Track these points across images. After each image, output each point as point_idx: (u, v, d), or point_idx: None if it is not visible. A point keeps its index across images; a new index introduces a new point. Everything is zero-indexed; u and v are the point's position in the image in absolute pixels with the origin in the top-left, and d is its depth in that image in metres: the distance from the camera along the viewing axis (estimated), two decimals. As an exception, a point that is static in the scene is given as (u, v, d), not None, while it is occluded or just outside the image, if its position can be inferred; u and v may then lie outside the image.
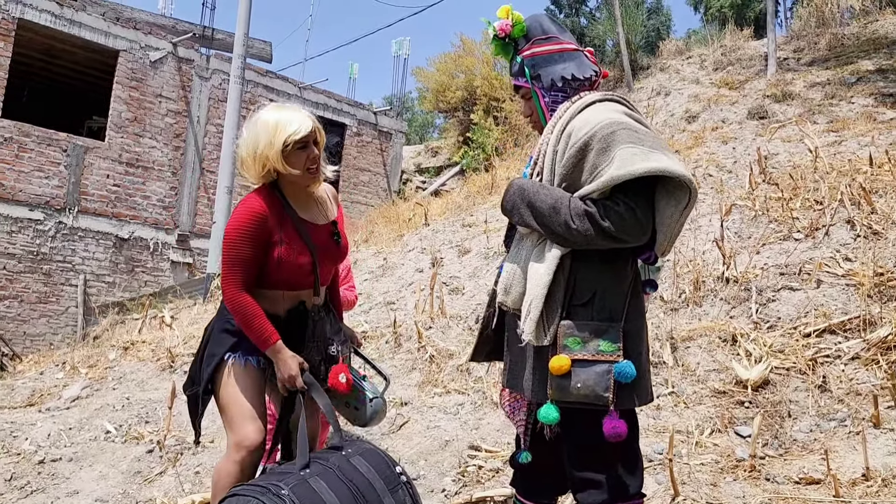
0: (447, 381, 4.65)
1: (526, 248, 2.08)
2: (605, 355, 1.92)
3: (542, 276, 1.96)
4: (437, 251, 7.48)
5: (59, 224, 11.14)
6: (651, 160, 1.86)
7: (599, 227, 1.88)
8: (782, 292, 4.74)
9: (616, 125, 1.94)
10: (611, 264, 2.00)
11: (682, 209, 1.93)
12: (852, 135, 8.04)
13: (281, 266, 2.37)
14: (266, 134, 2.31)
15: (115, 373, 6.05)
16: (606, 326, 1.95)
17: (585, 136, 1.93)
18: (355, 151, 14.91)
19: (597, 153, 1.92)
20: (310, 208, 2.51)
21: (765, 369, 3.83)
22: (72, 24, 11.34)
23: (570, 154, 1.96)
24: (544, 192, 1.99)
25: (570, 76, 2.13)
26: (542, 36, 2.17)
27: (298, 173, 2.36)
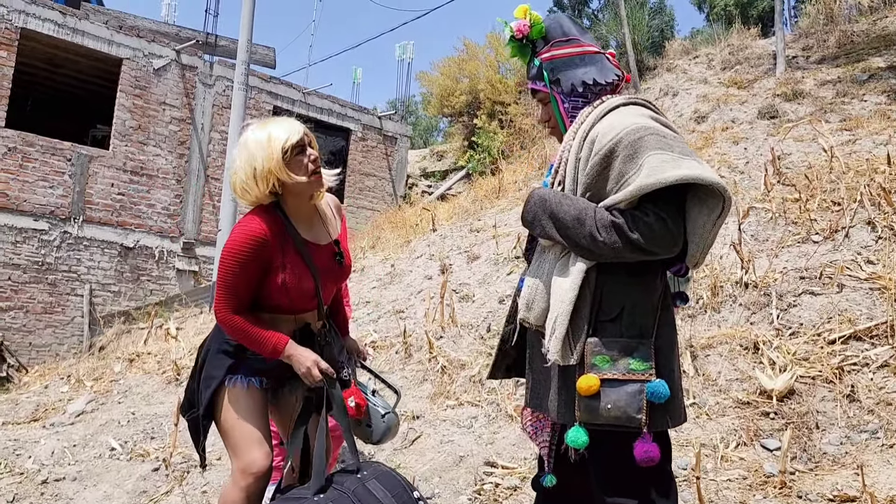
0: (460, 393, 4.53)
1: (548, 261, 1.96)
2: (637, 374, 1.80)
3: (566, 292, 1.84)
4: (446, 257, 7.36)
5: (64, 234, 11.08)
6: (682, 167, 1.74)
7: (627, 238, 1.76)
8: (803, 297, 4.60)
9: (643, 130, 1.82)
10: (639, 277, 1.88)
11: (715, 218, 1.80)
12: (867, 133, 7.89)
13: (285, 291, 2.27)
14: (261, 150, 2.20)
15: (120, 386, 5.94)
16: (636, 343, 1.83)
17: (610, 142, 1.82)
18: (360, 156, 14.82)
19: (623, 160, 1.80)
20: (313, 226, 2.41)
21: (790, 378, 3.69)
22: (75, 33, 11.29)
23: (594, 162, 1.85)
24: (567, 203, 1.87)
25: (591, 81, 2.01)
26: (562, 38, 2.05)
27: (304, 180, 2.25)
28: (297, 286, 2.28)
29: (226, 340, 2.35)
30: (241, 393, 2.31)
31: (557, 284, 1.88)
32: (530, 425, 2.13)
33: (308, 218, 2.39)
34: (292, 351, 2.25)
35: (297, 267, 2.28)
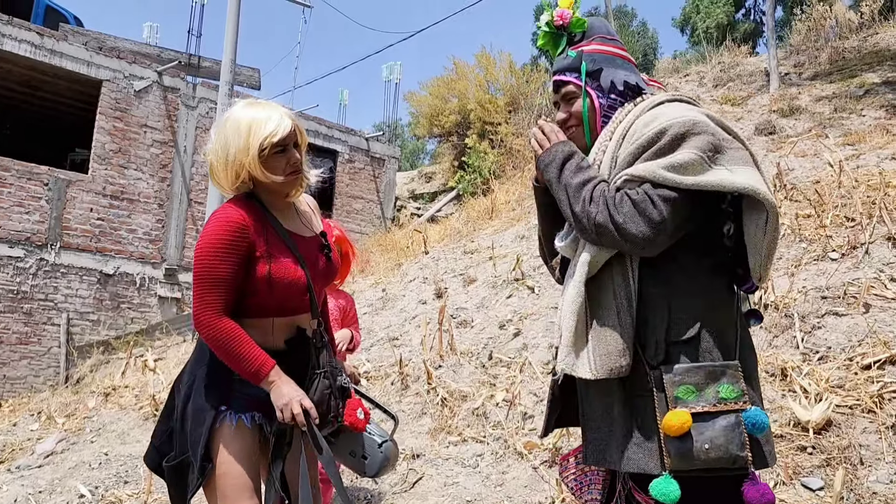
0: (462, 428, 4.17)
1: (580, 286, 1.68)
2: (729, 403, 1.50)
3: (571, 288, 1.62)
4: (441, 281, 7.02)
5: (41, 261, 10.66)
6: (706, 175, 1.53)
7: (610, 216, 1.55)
8: (827, 318, 4.30)
9: (696, 125, 1.58)
10: (712, 289, 1.62)
11: (763, 225, 1.56)
12: (870, 148, 7.68)
13: (273, 286, 1.95)
14: (238, 137, 1.93)
15: (93, 423, 5.53)
16: (723, 367, 1.53)
17: (655, 130, 1.59)
18: (348, 178, 14.51)
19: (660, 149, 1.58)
20: (293, 219, 2.12)
21: (827, 409, 3.37)
22: (53, 55, 10.96)
23: (631, 149, 1.62)
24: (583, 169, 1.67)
25: (633, 82, 1.79)
26: (606, 35, 1.87)
27: (280, 179, 1.98)
28: (285, 278, 1.97)
29: (212, 366, 2.00)
30: (230, 432, 1.96)
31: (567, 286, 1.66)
32: (573, 479, 1.80)
33: (286, 211, 2.12)
34: (276, 378, 1.92)
35: (284, 256, 1.99)
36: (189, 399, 2.02)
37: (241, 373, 1.92)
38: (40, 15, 12.66)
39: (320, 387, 2.00)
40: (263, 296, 1.96)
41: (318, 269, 2.10)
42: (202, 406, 1.97)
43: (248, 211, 1.98)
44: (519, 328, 5.24)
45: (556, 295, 5.57)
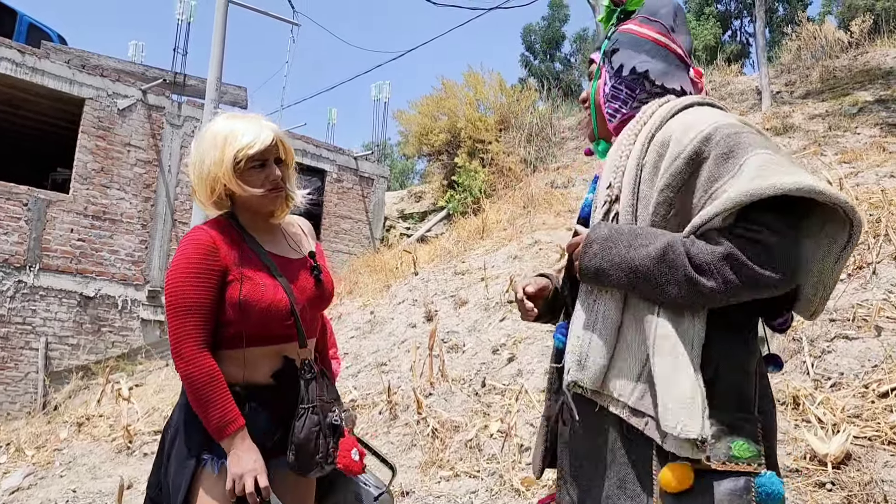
0: (454, 461, 3.92)
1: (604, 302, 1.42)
2: (741, 463, 1.25)
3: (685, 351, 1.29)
4: (430, 303, 6.78)
5: (19, 283, 10.35)
6: (799, 175, 1.22)
7: (748, 274, 1.22)
8: (837, 342, 4.10)
9: (738, 126, 1.32)
10: (736, 327, 1.34)
11: (839, 250, 1.28)
12: (868, 166, 7.56)
13: (247, 310, 1.75)
14: (214, 149, 1.77)
15: (63, 456, 5.23)
16: (740, 419, 1.28)
17: (695, 140, 1.31)
18: (336, 198, 14.29)
19: (716, 161, 1.29)
20: (277, 241, 1.93)
21: (845, 441, 3.15)
22: (34, 73, 10.73)
23: (674, 167, 1.33)
24: (641, 241, 1.33)
25: (643, 70, 1.52)
26: (650, 15, 1.60)
27: (259, 193, 1.81)
28: (260, 302, 1.77)
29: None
30: (214, 480, 1.75)
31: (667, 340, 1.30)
32: None
33: (269, 232, 1.93)
34: (240, 443, 1.71)
35: (261, 277, 1.80)
36: (174, 443, 1.83)
37: (204, 422, 1.71)
38: (23, 33, 12.47)
39: (307, 423, 1.79)
40: (238, 323, 1.77)
41: (307, 293, 1.90)
42: (184, 451, 1.79)
43: (220, 231, 1.82)
44: (513, 353, 5.01)
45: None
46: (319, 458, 1.79)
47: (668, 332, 1.29)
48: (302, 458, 1.78)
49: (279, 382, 1.82)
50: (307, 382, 1.84)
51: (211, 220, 1.89)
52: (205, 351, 1.73)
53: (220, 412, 1.69)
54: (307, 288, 1.90)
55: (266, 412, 1.81)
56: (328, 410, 1.86)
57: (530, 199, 9.97)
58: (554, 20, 30.15)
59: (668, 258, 1.27)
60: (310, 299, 1.90)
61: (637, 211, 1.40)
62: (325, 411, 1.84)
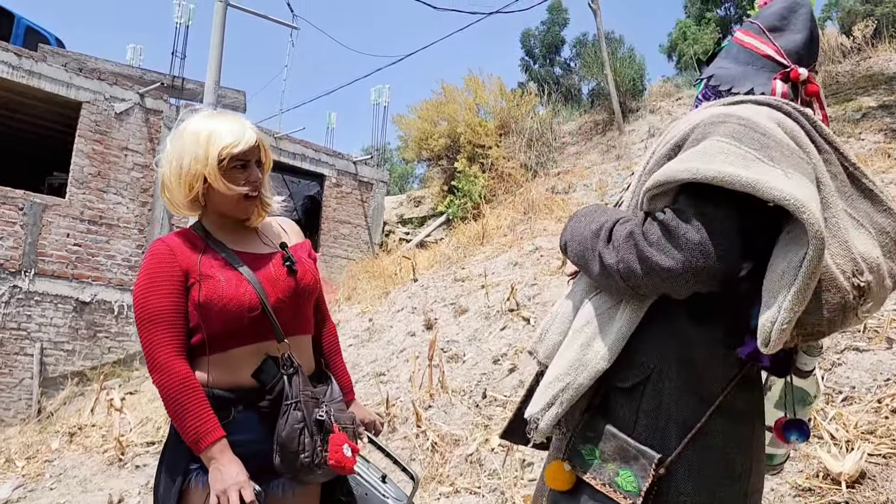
0: (454, 476, 3.81)
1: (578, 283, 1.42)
2: (619, 493, 1.17)
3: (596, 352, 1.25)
4: (430, 310, 6.67)
5: (14, 288, 10.22)
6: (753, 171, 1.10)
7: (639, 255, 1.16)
8: (847, 354, 4.00)
9: (731, 116, 1.21)
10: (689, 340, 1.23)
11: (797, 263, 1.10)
12: (873, 172, 7.46)
13: (209, 309, 1.68)
14: (195, 147, 1.71)
15: (54, 468, 5.11)
16: (642, 451, 1.18)
17: (687, 127, 1.27)
18: (335, 203, 14.18)
19: (689, 143, 1.24)
20: (247, 240, 1.85)
21: (860, 458, 3.04)
22: (31, 76, 10.63)
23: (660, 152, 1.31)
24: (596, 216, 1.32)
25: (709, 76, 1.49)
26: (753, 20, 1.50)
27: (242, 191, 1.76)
28: (220, 299, 1.69)
29: None
30: (201, 493, 1.66)
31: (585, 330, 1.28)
32: None
33: (238, 232, 1.86)
34: (218, 455, 1.61)
35: (222, 273, 1.72)
36: (164, 456, 1.77)
37: (181, 434, 1.63)
38: (20, 36, 12.38)
39: (290, 420, 1.69)
40: (206, 325, 1.70)
41: (280, 285, 1.79)
42: (173, 465, 1.72)
43: (180, 238, 1.78)
44: (514, 363, 4.90)
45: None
46: (305, 457, 1.68)
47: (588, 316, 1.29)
48: (286, 457, 1.68)
49: (262, 382, 1.72)
50: (289, 378, 1.73)
51: (176, 231, 1.83)
52: (177, 358, 1.66)
53: (195, 422, 1.61)
54: (279, 279, 1.80)
55: (255, 415, 1.72)
56: (314, 406, 1.75)
57: (531, 205, 9.86)
58: (553, 24, 30.05)
59: (600, 233, 1.25)
60: (285, 291, 1.80)
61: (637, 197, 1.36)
62: (311, 407, 1.73)
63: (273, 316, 1.74)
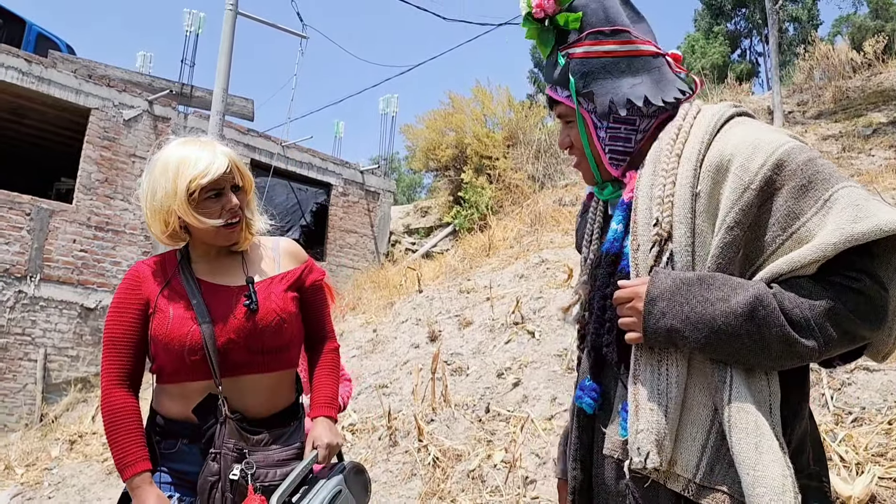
0: (456, 493, 3.75)
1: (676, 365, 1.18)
2: None
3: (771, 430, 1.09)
4: (434, 322, 6.62)
5: (19, 293, 10.22)
6: (892, 212, 1.07)
7: (847, 328, 1.07)
8: (857, 374, 3.93)
9: (808, 150, 1.15)
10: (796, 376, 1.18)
11: None
12: (883, 188, 7.40)
13: (156, 344, 1.68)
14: (165, 180, 1.66)
15: (53, 476, 5.08)
16: (808, 477, 1.15)
17: (765, 167, 1.12)
18: (341, 212, 14.17)
19: (793, 194, 1.11)
20: (226, 270, 1.80)
21: (870, 482, 2.98)
22: (41, 82, 10.68)
23: (744, 201, 1.13)
24: (716, 294, 1.12)
25: (640, 100, 1.29)
26: (604, 27, 1.32)
27: (218, 223, 1.71)
28: (166, 335, 1.66)
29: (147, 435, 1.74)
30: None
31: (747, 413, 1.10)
32: None
33: (221, 260, 1.82)
34: (141, 485, 1.61)
35: (174, 309, 1.68)
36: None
37: (113, 459, 1.65)
38: (32, 42, 12.46)
39: (205, 472, 1.66)
40: (156, 357, 1.71)
41: (234, 324, 1.72)
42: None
43: (156, 264, 1.77)
44: (518, 377, 4.84)
45: (558, 340, 5.18)
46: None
47: (746, 403, 1.10)
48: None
49: (200, 418, 1.70)
50: (220, 425, 1.68)
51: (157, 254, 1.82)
52: (117, 387, 1.68)
53: (121, 453, 1.63)
54: (235, 318, 1.73)
55: (196, 448, 1.71)
56: (233, 461, 1.66)
57: (538, 217, 9.82)
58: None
59: (758, 315, 1.08)
60: (237, 331, 1.72)
61: (695, 250, 1.19)
62: (229, 461, 1.66)
63: (212, 359, 1.68)
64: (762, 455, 1.06)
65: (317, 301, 1.95)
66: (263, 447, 1.72)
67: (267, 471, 1.70)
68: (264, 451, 1.72)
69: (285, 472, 1.70)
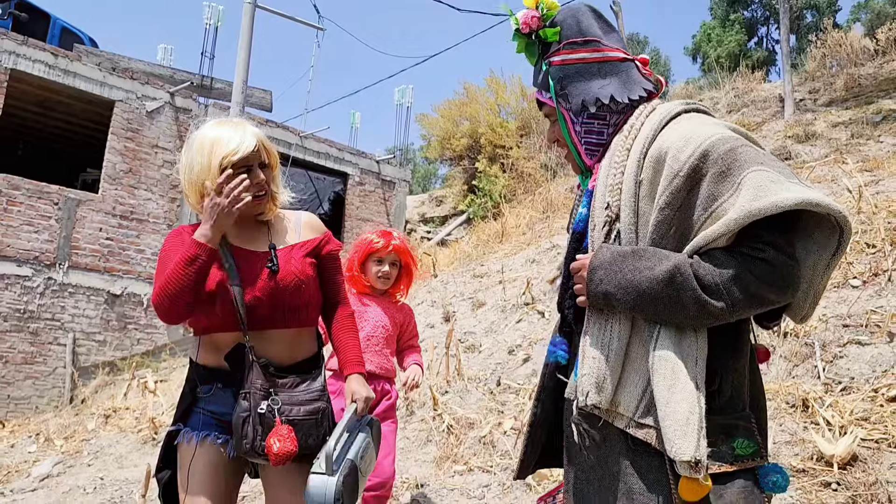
0: (468, 456, 4.02)
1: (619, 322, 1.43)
2: (746, 461, 1.32)
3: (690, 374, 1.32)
4: (449, 304, 6.89)
5: (49, 280, 10.60)
6: (794, 190, 1.27)
7: (753, 293, 1.28)
8: (850, 347, 4.14)
9: (732, 140, 1.35)
10: (733, 332, 1.40)
11: (829, 257, 1.36)
12: (888, 174, 7.53)
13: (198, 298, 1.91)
14: (201, 156, 1.92)
15: (91, 446, 5.40)
16: (738, 419, 1.35)
17: (692, 157, 1.34)
18: (358, 201, 14.45)
19: (714, 179, 1.32)
20: (252, 237, 2.06)
21: (852, 442, 3.20)
22: (66, 75, 11.01)
23: (675, 186, 1.35)
24: (645, 263, 1.35)
25: (607, 98, 1.53)
26: (577, 38, 1.58)
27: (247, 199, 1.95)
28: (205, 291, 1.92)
29: (185, 385, 2.04)
30: (187, 450, 1.94)
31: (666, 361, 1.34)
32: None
33: (248, 229, 2.07)
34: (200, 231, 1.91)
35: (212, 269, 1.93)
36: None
37: (186, 274, 1.85)
38: (56, 36, 12.77)
39: (238, 409, 1.90)
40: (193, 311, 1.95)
41: (259, 284, 1.97)
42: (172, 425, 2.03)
43: (195, 228, 1.98)
44: (528, 354, 5.10)
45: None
46: (246, 443, 1.87)
47: (667, 352, 1.33)
48: (236, 440, 1.90)
49: (230, 364, 1.95)
50: (248, 369, 1.93)
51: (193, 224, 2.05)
52: None
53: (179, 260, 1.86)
54: (260, 279, 1.97)
55: (229, 391, 1.95)
56: (261, 398, 1.90)
57: (549, 205, 10.04)
58: (578, 26, 30.17)
59: (676, 281, 1.30)
60: (262, 290, 1.97)
61: (638, 228, 1.42)
62: (257, 399, 1.90)
63: (241, 313, 1.92)
64: (673, 395, 1.29)
65: (332, 269, 2.20)
66: (288, 389, 1.96)
67: (291, 407, 1.93)
68: (289, 392, 1.96)
69: (308, 410, 1.95)
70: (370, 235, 3.25)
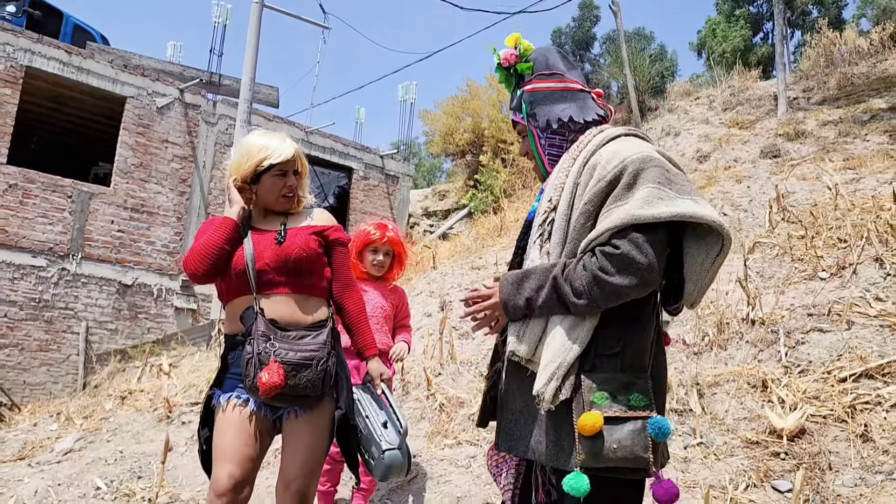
0: (458, 432, 4.38)
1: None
2: (637, 411, 1.67)
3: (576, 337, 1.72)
4: (446, 294, 7.24)
5: (62, 270, 10.99)
6: (677, 205, 1.66)
7: (607, 288, 1.66)
8: (812, 334, 4.47)
9: (648, 161, 1.74)
10: (638, 311, 1.77)
11: (714, 256, 1.76)
12: (870, 172, 7.83)
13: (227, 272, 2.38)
14: (246, 155, 2.41)
15: (110, 424, 5.78)
16: (634, 378, 1.71)
17: (616, 168, 1.73)
18: (362, 195, 14.81)
19: (622, 187, 1.72)
20: (272, 222, 2.50)
21: (801, 417, 3.55)
22: (80, 72, 11.36)
23: (598, 188, 1.74)
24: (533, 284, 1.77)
25: (567, 118, 1.95)
26: (545, 71, 2.01)
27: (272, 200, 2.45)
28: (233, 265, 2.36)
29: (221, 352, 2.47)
30: (221, 409, 2.32)
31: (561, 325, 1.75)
32: (494, 466, 2.01)
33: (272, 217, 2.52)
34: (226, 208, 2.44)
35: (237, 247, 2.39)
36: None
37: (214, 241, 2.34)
38: (69, 34, 13.12)
39: (244, 353, 2.25)
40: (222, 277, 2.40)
41: (268, 252, 2.37)
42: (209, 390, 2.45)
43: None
44: (518, 340, 5.44)
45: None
46: (249, 381, 2.22)
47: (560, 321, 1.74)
48: (244, 380, 2.25)
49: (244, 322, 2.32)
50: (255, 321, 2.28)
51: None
52: None
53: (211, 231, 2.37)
54: (268, 248, 2.38)
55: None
56: (263, 343, 2.23)
57: (547, 199, 10.35)
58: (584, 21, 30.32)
59: (557, 292, 1.71)
60: (271, 258, 2.35)
61: (571, 219, 1.80)
62: (259, 343, 2.23)
63: (251, 274, 2.32)
64: (546, 348, 1.72)
65: (339, 254, 2.56)
66: (291, 340, 2.29)
67: (287, 351, 2.25)
68: (291, 342, 2.29)
69: (303, 356, 2.27)
70: (367, 227, 3.61)
